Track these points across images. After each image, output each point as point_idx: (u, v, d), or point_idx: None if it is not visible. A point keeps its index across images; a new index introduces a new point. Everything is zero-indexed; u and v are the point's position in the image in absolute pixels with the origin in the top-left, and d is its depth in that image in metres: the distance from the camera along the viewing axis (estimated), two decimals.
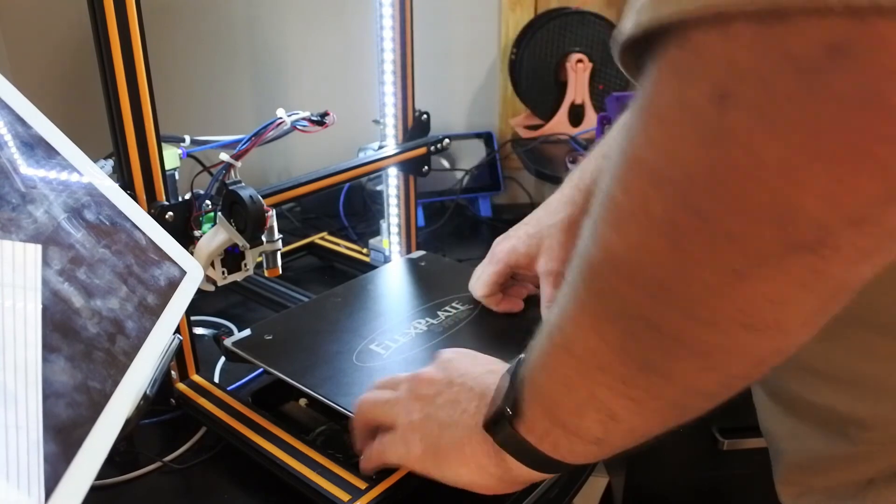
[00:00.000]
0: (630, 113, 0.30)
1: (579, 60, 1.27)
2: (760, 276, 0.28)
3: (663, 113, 0.28)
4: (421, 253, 0.96)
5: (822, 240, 0.26)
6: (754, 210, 0.27)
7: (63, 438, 0.39)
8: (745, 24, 0.24)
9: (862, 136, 0.24)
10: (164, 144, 0.66)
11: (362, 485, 0.59)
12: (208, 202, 0.67)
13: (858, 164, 0.24)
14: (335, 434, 0.69)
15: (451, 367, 0.50)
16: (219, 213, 0.67)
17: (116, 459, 0.67)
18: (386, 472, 0.61)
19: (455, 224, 1.25)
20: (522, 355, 0.42)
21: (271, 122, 0.68)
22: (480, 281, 0.78)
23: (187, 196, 0.67)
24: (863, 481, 0.48)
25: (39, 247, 0.44)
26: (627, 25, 0.28)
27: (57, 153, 0.50)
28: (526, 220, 0.76)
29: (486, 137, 1.32)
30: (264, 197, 0.68)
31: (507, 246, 0.76)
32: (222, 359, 0.80)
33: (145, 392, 0.54)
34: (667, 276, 0.30)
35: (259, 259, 0.72)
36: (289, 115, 0.70)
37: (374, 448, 0.52)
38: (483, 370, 0.47)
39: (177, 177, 0.86)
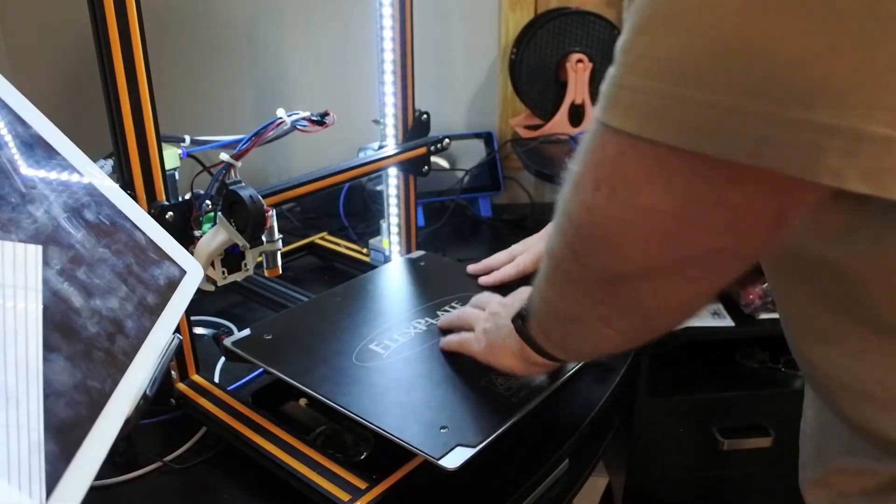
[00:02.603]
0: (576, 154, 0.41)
1: (579, 60, 1.27)
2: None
3: (576, 181, 0.40)
4: (421, 253, 0.96)
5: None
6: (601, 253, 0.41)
7: (63, 438, 0.39)
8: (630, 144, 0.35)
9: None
10: (164, 144, 0.66)
11: (362, 485, 0.59)
12: (208, 202, 0.67)
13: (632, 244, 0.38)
14: (335, 434, 0.69)
15: (516, 294, 0.70)
16: (219, 213, 0.67)
17: (116, 459, 0.67)
18: (386, 471, 0.61)
19: (455, 224, 1.25)
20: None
21: (271, 122, 0.68)
22: (532, 254, 0.84)
23: (187, 196, 0.67)
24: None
25: (39, 247, 0.44)
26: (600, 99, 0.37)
27: (57, 153, 0.50)
28: None
29: (486, 137, 1.32)
30: (264, 197, 0.68)
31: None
32: (222, 359, 0.80)
33: (145, 392, 0.54)
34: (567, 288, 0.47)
35: (259, 259, 0.72)
36: (289, 115, 0.70)
37: (456, 340, 0.71)
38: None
39: (177, 177, 0.86)
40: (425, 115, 0.92)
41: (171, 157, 0.80)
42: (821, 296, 0.47)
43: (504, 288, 0.81)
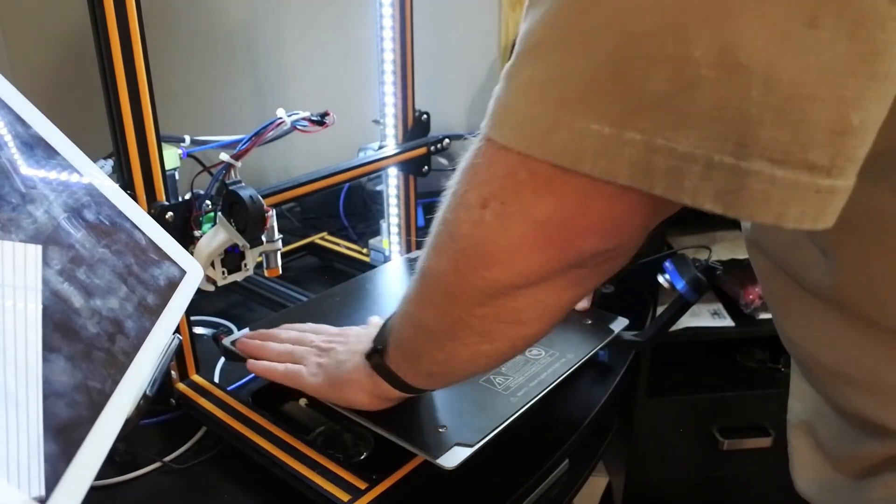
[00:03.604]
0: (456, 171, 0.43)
1: None
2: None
3: (459, 198, 0.42)
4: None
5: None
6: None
7: (63, 438, 0.39)
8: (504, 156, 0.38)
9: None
10: (164, 144, 0.66)
11: (362, 485, 0.59)
12: (208, 202, 0.67)
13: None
14: (335, 434, 0.69)
15: (341, 332, 0.68)
16: (219, 213, 0.67)
17: (116, 459, 0.67)
18: (386, 472, 0.61)
19: None
20: (395, 310, 0.57)
21: (271, 122, 0.68)
22: None
23: (187, 196, 0.67)
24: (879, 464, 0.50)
25: (39, 247, 0.44)
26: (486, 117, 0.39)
27: (57, 153, 0.50)
28: None
29: None
30: (264, 197, 0.68)
31: None
32: (222, 359, 0.80)
33: (145, 392, 0.54)
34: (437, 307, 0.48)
35: (259, 259, 0.72)
36: (289, 115, 0.70)
37: (282, 370, 0.67)
38: (363, 332, 0.64)
39: (177, 177, 0.86)
40: (425, 115, 0.92)
41: (171, 157, 0.80)
42: (798, 281, 0.50)
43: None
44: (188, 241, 0.66)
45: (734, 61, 0.31)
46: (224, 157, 0.67)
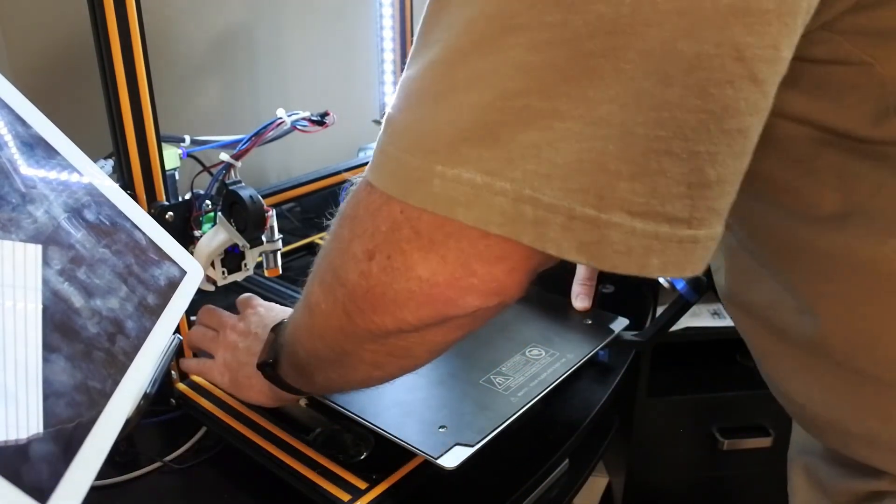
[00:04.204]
0: (338, 213, 0.45)
1: None
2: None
3: (346, 247, 0.43)
4: None
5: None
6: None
7: (64, 438, 0.39)
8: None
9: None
10: (164, 144, 0.66)
11: (362, 485, 0.59)
12: (208, 202, 0.67)
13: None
14: (335, 434, 0.69)
15: (252, 320, 0.68)
16: (219, 213, 0.67)
17: (116, 459, 0.67)
18: (386, 471, 0.61)
19: None
20: (285, 319, 0.58)
21: (271, 122, 0.68)
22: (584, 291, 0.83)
23: (187, 196, 0.67)
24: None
25: (39, 247, 0.44)
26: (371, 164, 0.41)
27: (57, 153, 0.50)
28: None
29: None
30: (264, 197, 0.68)
31: None
32: None
33: (145, 392, 0.54)
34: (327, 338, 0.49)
35: (259, 259, 0.72)
36: (289, 115, 0.70)
37: (196, 366, 0.71)
38: (272, 321, 0.64)
39: (177, 177, 0.86)
40: None
41: (171, 157, 0.80)
42: (782, 337, 0.50)
43: None
44: (188, 241, 0.66)
45: (595, 115, 0.32)
46: (224, 157, 0.67)
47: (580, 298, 0.81)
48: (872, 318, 0.43)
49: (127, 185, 0.63)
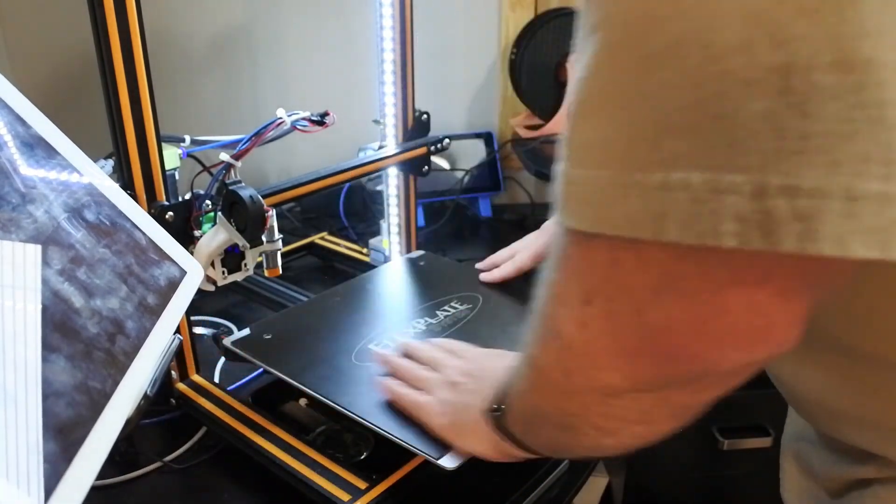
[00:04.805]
0: (550, 258, 0.36)
1: None
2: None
3: (558, 293, 0.36)
4: (420, 253, 0.96)
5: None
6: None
7: (63, 438, 0.39)
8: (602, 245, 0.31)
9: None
10: (164, 144, 0.66)
11: (362, 485, 0.59)
12: (208, 202, 0.67)
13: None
14: (335, 434, 0.69)
15: (479, 363, 0.61)
16: (219, 213, 0.67)
17: (116, 459, 0.67)
18: (386, 472, 0.61)
19: (455, 224, 1.25)
20: (515, 365, 0.49)
21: (271, 122, 0.68)
22: (531, 251, 0.82)
23: (187, 196, 0.67)
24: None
25: (39, 247, 0.44)
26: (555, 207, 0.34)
27: (57, 153, 0.50)
28: None
29: (486, 137, 1.32)
30: (264, 197, 0.68)
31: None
32: (222, 359, 0.80)
33: (145, 392, 0.54)
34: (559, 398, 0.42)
35: (259, 259, 0.72)
36: (289, 115, 0.70)
37: (411, 401, 0.61)
38: (501, 366, 0.53)
39: (177, 177, 0.86)
40: (425, 115, 0.92)
41: (171, 157, 0.80)
42: None
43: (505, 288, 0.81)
44: (188, 241, 0.66)
45: (858, 56, 0.24)
46: (224, 157, 0.67)
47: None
48: (867, 300, 0.40)
49: (127, 185, 0.63)
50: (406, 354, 0.67)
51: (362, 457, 0.67)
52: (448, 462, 0.56)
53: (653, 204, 0.27)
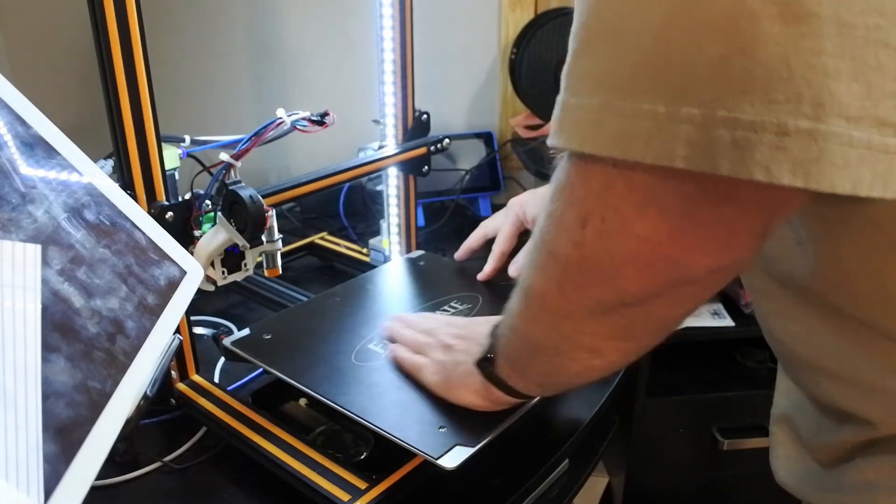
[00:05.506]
0: (549, 192, 0.40)
1: None
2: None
3: (558, 219, 0.40)
4: (420, 252, 0.96)
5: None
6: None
7: (63, 438, 0.39)
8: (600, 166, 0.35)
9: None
10: (164, 144, 0.66)
11: (362, 485, 0.59)
12: (208, 202, 0.67)
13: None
14: (335, 434, 0.69)
15: (470, 328, 0.68)
16: (219, 213, 0.67)
17: (116, 459, 0.67)
18: (386, 472, 0.61)
19: (455, 224, 1.25)
20: (502, 317, 0.55)
21: (271, 122, 0.68)
22: (507, 230, 0.84)
23: (187, 196, 0.67)
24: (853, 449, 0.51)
25: (39, 247, 0.44)
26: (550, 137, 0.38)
27: (57, 153, 0.50)
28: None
29: (486, 137, 1.32)
30: (264, 197, 0.68)
31: (520, 199, 0.86)
32: (222, 359, 0.80)
33: (145, 392, 0.55)
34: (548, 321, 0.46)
35: (259, 259, 0.72)
36: (289, 115, 0.70)
37: (410, 363, 0.67)
38: (487, 330, 0.61)
39: (177, 177, 0.86)
40: (425, 115, 0.92)
41: (171, 157, 0.80)
42: (775, 274, 0.51)
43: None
44: (188, 241, 0.66)
45: (801, 9, 0.28)
46: (224, 157, 0.67)
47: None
48: (860, 264, 0.42)
49: (127, 185, 0.63)
50: (408, 326, 0.72)
51: (362, 457, 0.67)
52: (448, 462, 0.56)
53: (627, 128, 0.32)
